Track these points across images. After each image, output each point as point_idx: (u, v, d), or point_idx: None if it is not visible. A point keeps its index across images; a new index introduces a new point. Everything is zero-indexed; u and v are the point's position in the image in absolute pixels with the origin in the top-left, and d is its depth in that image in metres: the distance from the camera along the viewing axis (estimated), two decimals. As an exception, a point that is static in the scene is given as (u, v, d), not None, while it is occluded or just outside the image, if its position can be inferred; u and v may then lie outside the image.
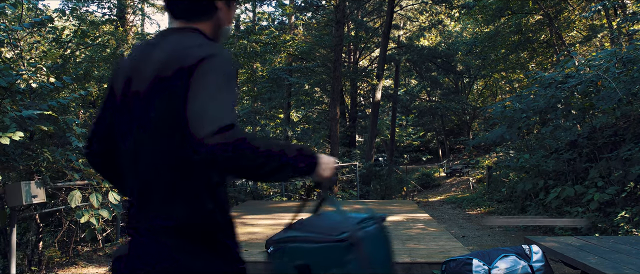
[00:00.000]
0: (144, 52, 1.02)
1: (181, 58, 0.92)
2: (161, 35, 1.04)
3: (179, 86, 0.90)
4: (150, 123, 0.96)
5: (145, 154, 0.98)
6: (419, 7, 18.12)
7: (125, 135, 1.02)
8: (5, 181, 4.04)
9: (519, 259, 2.90)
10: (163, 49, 0.98)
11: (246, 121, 13.31)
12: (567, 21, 13.36)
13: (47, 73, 4.39)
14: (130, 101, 1.00)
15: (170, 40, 0.99)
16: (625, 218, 4.81)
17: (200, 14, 1.05)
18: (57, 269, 4.46)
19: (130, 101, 1.00)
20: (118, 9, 10.11)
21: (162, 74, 0.94)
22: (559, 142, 6.89)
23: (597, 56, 6.26)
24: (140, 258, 0.98)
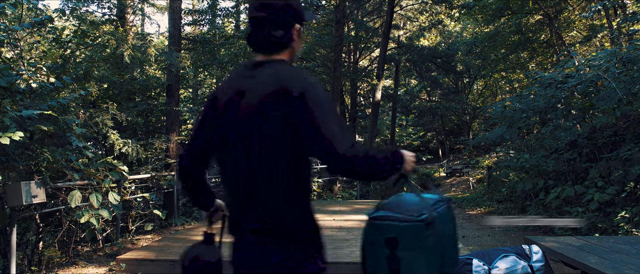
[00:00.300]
0: (245, 82, 1.23)
1: (286, 87, 1.14)
2: (254, 65, 1.26)
3: (289, 111, 1.13)
4: (260, 139, 1.16)
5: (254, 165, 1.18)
6: (419, 7, 18.12)
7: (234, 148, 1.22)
8: (5, 181, 4.04)
9: (519, 259, 2.90)
10: (266, 80, 1.19)
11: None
12: (567, 21, 13.36)
13: (47, 73, 4.39)
14: (237, 122, 1.21)
15: (269, 71, 1.21)
16: (625, 218, 4.81)
17: (281, 48, 1.27)
18: (57, 269, 4.46)
19: (238, 122, 1.20)
20: (118, 9, 10.10)
21: (270, 100, 1.15)
22: (559, 142, 6.89)
23: (597, 56, 6.26)
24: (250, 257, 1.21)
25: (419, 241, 1.39)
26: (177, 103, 9.17)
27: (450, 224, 1.48)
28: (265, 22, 1.24)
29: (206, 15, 12.13)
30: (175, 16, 9.40)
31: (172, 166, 8.45)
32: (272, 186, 1.18)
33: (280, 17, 1.25)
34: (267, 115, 1.15)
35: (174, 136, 8.76)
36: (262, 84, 1.18)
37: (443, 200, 1.50)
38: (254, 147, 1.17)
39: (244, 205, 1.22)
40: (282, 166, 1.17)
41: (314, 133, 1.12)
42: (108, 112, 6.52)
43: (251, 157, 1.18)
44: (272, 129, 1.15)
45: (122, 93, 8.52)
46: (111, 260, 4.72)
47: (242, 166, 1.20)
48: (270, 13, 1.24)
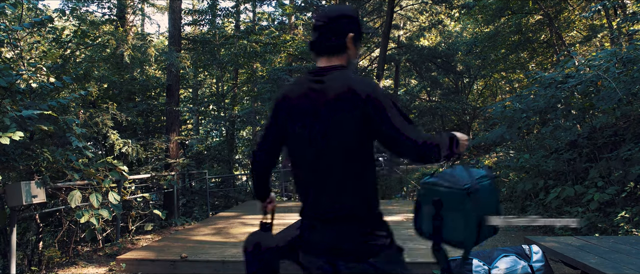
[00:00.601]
0: (316, 84, 1.41)
1: (354, 89, 1.34)
2: (320, 71, 1.45)
3: (359, 109, 1.33)
4: (335, 135, 1.35)
5: (330, 158, 1.37)
6: (419, 7, 18.11)
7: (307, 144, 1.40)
8: (5, 181, 4.04)
9: (519, 259, 2.90)
10: (336, 82, 1.38)
11: (246, 121, 13.31)
12: (567, 21, 13.36)
13: (47, 73, 4.39)
14: (313, 120, 1.39)
15: (336, 75, 1.41)
16: (625, 218, 4.81)
17: (337, 52, 1.46)
18: (57, 269, 4.46)
19: (314, 120, 1.39)
20: (118, 9, 10.10)
21: (341, 100, 1.34)
22: (559, 142, 6.89)
23: (597, 56, 6.25)
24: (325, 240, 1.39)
25: (460, 206, 1.64)
26: (177, 103, 9.17)
27: (492, 197, 1.72)
28: (324, 30, 1.45)
29: (206, 15, 12.12)
30: (175, 16, 9.40)
31: (172, 166, 8.45)
32: (345, 177, 1.37)
33: (335, 25, 1.45)
34: (340, 113, 1.35)
35: (174, 136, 8.75)
36: (333, 86, 1.38)
37: (488, 176, 1.75)
38: (329, 143, 1.37)
39: (319, 193, 1.41)
40: (353, 159, 1.37)
41: (385, 126, 1.33)
42: (108, 112, 6.52)
43: (327, 152, 1.37)
44: (345, 125, 1.35)
45: (122, 93, 8.51)
46: (111, 260, 4.72)
47: (318, 159, 1.39)
48: (328, 22, 1.46)
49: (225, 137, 13.88)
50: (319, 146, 1.38)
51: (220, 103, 13.29)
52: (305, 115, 1.41)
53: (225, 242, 4.91)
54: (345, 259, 1.36)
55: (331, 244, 1.38)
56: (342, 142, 1.36)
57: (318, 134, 1.38)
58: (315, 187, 1.42)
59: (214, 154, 12.60)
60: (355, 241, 1.37)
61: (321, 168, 1.39)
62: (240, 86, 16.09)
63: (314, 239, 1.42)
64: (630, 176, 5.14)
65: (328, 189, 1.39)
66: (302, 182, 1.47)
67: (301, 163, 1.46)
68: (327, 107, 1.37)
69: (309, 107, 1.40)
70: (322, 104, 1.38)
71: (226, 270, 3.99)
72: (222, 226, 6.00)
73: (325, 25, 1.46)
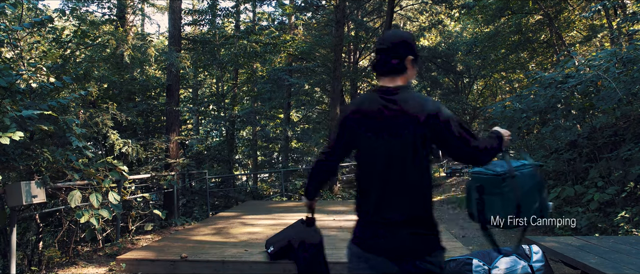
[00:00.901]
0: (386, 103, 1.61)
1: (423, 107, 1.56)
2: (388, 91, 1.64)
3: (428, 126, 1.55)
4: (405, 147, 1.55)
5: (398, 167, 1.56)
6: (419, 7, 18.11)
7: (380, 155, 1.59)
8: (5, 181, 4.04)
9: (519, 259, 2.90)
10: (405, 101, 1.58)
11: (246, 121, 13.31)
12: (567, 21, 13.35)
13: (47, 73, 4.39)
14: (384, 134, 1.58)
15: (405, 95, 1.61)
16: (625, 218, 4.81)
17: (398, 73, 1.66)
18: (57, 269, 4.46)
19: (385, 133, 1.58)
20: (118, 9, 10.09)
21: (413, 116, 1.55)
22: (559, 142, 6.89)
23: (597, 56, 6.25)
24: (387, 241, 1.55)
25: (497, 189, 1.98)
26: (177, 103, 9.17)
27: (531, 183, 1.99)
28: (386, 53, 1.65)
29: (206, 15, 12.12)
30: (175, 16, 9.40)
31: (172, 166, 8.45)
32: (412, 184, 1.57)
33: (396, 49, 1.65)
34: (411, 128, 1.55)
35: (174, 136, 8.75)
36: (406, 104, 1.58)
37: (530, 165, 2.03)
38: (400, 154, 1.56)
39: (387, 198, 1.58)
40: (418, 169, 1.57)
41: (453, 139, 1.57)
42: (108, 112, 6.52)
43: (398, 162, 1.56)
44: (415, 139, 1.55)
45: (122, 93, 8.51)
46: (111, 260, 4.72)
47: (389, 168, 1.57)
48: (390, 47, 1.66)
49: (225, 137, 13.88)
50: (391, 157, 1.57)
51: (220, 103, 13.29)
52: (380, 128, 1.59)
53: (225, 242, 4.91)
54: (406, 258, 1.54)
55: (395, 244, 1.55)
56: (411, 154, 1.56)
57: (391, 146, 1.57)
58: (383, 193, 1.58)
59: (214, 154, 12.60)
60: (416, 242, 1.55)
61: (391, 176, 1.57)
62: (240, 86, 16.09)
63: (378, 239, 1.57)
64: (630, 176, 5.14)
65: (397, 195, 1.57)
66: (369, 187, 1.63)
67: (371, 170, 1.62)
68: (401, 122, 1.56)
69: (383, 122, 1.59)
70: (395, 119, 1.57)
71: (226, 270, 3.99)
72: (222, 226, 6.00)
73: (387, 49, 1.66)
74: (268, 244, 4.18)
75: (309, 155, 14.15)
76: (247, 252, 4.33)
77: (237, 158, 16.29)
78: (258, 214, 7.17)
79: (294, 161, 15.06)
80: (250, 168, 17.46)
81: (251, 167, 17.55)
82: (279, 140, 16.29)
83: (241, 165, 17.20)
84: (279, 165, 16.13)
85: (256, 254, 4.21)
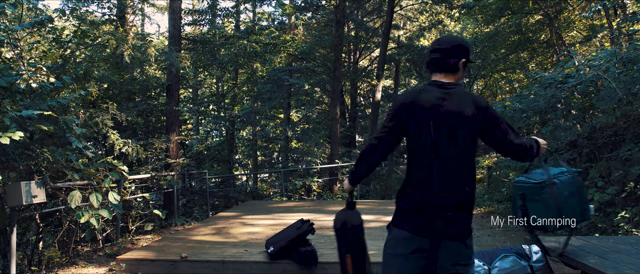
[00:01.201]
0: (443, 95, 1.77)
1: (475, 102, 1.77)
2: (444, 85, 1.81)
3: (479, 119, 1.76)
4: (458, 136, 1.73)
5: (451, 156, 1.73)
6: (419, 7, 18.10)
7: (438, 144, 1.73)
8: (5, 181, 4.04)
9: (519, 259, 2.90)
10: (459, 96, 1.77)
11: (246, 121, 13.31)
12: (567, 21, 13.35)
13: (47, 73, 4.38)
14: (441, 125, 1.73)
15: (458, 90, 1.79)
16: (625, 218, 4.81)
17: (452, 71, 1.84)
18: (57, 269, 4.46)
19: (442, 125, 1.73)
20: (118, 9, 10.09)
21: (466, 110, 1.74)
22: (559, 142, 6.89)
23: (597, 56, 6.25)
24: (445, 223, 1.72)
25: (538, 196, 2.25)
26: (177, 103, 9.16)
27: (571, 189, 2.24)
28: (445, 52, 1.83)
29: (206, 15, 12.12)
30: (175, 16, 9.39)
31: (172, 166, 8.45)
32: (463, 172, 1.75)
33: (455, 51, 1.83)
34: (464, 120, 1.73)
35: (174, 136, 8.75)
36: (459, 98, 1.76)
37: (569, 172, 2.29)
38: (454, 143, 1.73)
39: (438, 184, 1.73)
40: (469, 160, 1.76)
41: (499, 133, 1.80)
42: (108, 112, 6.52)
43: (451, 151, 1.72)
44: (467, 131, 1.73)
45: (122, 93, 8.51)
46: (111, 260, 4.72)
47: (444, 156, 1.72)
48: (450, 47, 1.84)
49: (225, 137, 13.88)
50: (447, 146, 1.72)
51: (220, 103, 13.29)
52: (437, 119, 1.73)
53: (225, 242, 4.91)
54: (450, 238, 1.72)
55: (444, 226, 1.72)
56: (464, 144, 1.73)
57: (447, 136, 1.72)
58: (438, 180, 1.73)
59: (214, 154, 12.59)
60: (462, 224, 1.74)
61: (446, 164, 1.73)
62: (240, 86, 16.08)
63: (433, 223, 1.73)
64: (630, 176, 5.14)
65: (451, 182, 1.73)
66: (424, 175, 1.76)
67: (426, 159, 1.75)
68: (456, 114, 1.73)
69: (441, 113, 1.73)
70: (451, 111, 1.73)
71: (226, 270, 3.99)
72: (222, 226, 6.00)
73: (447, 49, 1.83)
74: (268, 244, 4.18)
75: (309, 155, 14.13)
76: (247, 252, 4.33)
77: (237, 158, 16.28)
78: (258, 214, 7.17)
79: (294, 161, 15.05)
80: (250, 168, 17.45)
81: (251, 167, 17.54)
82: (279, 140, 16.29)
83: (241, 165, 17.19)
84: (279, 165, 16.12)
85: (256, 254, 4.20)
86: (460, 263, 1.74)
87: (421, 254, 1.73)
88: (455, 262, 1.73)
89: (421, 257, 1.73)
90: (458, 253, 1.73)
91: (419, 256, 1.73)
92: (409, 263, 1.74)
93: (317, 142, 14.50)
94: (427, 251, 1.73)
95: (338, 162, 12.43)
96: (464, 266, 1.75)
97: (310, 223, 4.16)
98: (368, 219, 6.48)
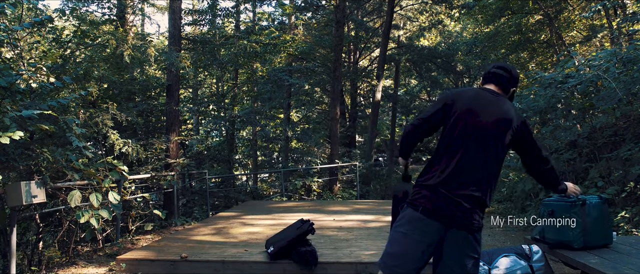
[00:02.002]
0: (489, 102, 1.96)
1: (516, 116, 1.96)
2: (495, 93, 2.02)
3: (515, 131, 1.93)
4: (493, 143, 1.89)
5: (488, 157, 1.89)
6: (419, 7, 18.10)
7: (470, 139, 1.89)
8: (5, 181, 4.04)
9: (519, 259, 2.90)
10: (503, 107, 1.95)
11: (246, 121, 13.30)
12: (567, 21, 13.34)
13: (47, 73, 4.38)
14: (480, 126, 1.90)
15: (505, 102, 1.99)
16: (625, 218, 4.81)
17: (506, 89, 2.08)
18: (57, 269, 4.46)
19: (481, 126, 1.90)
20: (118, 9, 10.09)
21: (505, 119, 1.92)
22: (559, 142, 6.89)
23: (597, 56, 6.24)
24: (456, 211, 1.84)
25: (566, 214, 2.45)
26: (177, 103, 9.16)
27: (597, 213, 2.44)
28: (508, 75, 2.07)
29: (206, 15, 12.12)
30: (175, 16, 9.39)
31: (172, 166, 8.44)
32: (484, 173, 1.87)
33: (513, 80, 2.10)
34: (501, 129, 1.89)
35: (174, 136, 8.75)
36: (502, 105, 1.95)
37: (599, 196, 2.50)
38: (493, 146, 1.88)
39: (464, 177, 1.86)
40: (495, 163, 1.90)
41: (531, 146, 2.01)
42: (108, 112, 6.52)
43: (481, 152, 1.87)
44: (502, 138, 1.90)
45: (122, 93, 8.51)
46: (111, 260, 4.72)
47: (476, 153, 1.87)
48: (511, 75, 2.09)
49: (225, 137, 13.87)
50: (482, 145, 1.87)
51: (220, 103, 13.29)
52: (480, 119, 1.90)
53: (225, 242, 4.91)
54: (459, 226, 1.84)
55: (455, 214, 1.84)
56: (496, 148, 1.89)
57: (486, 136, 1.88)
58: (465, 173, 1.87)
59: (214, 154, 12.59)
60: (472, 217, 1.85)
61: (476, 161, 1.87)
62: (240, 86, 16.07)
63: (446, 209, 1.86)
64: (630, 176, 5.14)
65: (475, 177, 1.86)
66: (451, 164, 1.89)
67: (457, 151, 1.89)
68: (499, 120, 1.90)
69: (484, 115, 1.90)
70: (495, 116, 1.90)
71: (226, 270, 3.99)
72: (222, 226, 6.00)
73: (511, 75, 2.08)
74: (268, 244, 4.18)
75: (309, 155, 14.13)
76: (247, 252, 4.33)
77: (237, 158, 16.26)
78: (258, 214, 7.17)
79: (294, 161, 15.04)
80: (250, 168, 17.45)
81: (251, 167, 17.54)
82: (279, 140, 16.28)
83: (241, 165, 17.18)
84: (279, 165, 16.11)
85: (256, 254, 4.20)
86: (466, 253, 1.84)
87: (429, 237, 1.85)
88: (461, 251, 1.83)
89: (428, 239, 1.85)
90: (465, 242, 1.83)
91: (426, 239, 1.85)
92: (414, 243, 1.85)
93: (317, 142, 14.50)
94: (435, 234, 1.85)
95: (338, 162, 12.43)
96: (470, 257, 1.84)
97: (310, 223, 4.16)
98: (368, 219, 6.48)
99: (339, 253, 4.22)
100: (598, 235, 2.49)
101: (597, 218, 2.45)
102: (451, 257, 1.85)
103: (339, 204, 8.73)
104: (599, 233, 2.49)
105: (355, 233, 5.24)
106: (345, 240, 4.82)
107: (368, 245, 4.55)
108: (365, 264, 3.85)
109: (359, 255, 4.11)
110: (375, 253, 4.20)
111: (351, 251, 4.28)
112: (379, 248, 4.40)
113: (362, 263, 3.86)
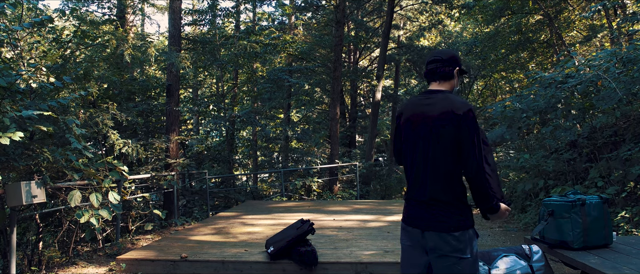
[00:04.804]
0: (425, 102, 1.96)
1: (455, 109, 1.84)
2: (430, 92, 1.99)
3: (456, 124, 1.83)
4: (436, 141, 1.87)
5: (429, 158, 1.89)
6: (419, 7, 18.10)
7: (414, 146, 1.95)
8: (5, 181, 4.04)
9: (519, 259, 2.90)
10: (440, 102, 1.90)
11: (246, 121, 13.31)
12: (567, 21, 13.34)
13: (47, 73, 4.38)
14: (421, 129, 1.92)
15: (441, 96, 1.92)
16: (625, 218, 4.81)
17: (446, 79, 2.02)
18: (57, 269, 4.46)
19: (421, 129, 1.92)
20: (118, 9, 10.09)
21: (443, 116, 1.85)
22: (559, 142, 6.89)
23: (597, 56, 6.24)
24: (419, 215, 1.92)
25: (567, 214, 2.47)
26: (177, 103, 9.16)
27: (597, 213, 2.45)
28: (441, 63, 2.00)
29: (206, 15, 12.12)
30: (175, 16, 9.39)
31: (172, 166, 8.45)
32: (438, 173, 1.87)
33: (449, 60, 2.01)
34: (442, 124, 1.85)
35: (174, 136, 8.75)
36: (438, 104, 1.89)
37: (600, 197, 2.48)
38: (430, 146, 1.88)
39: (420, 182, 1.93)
40: (446, 161, 1.86)
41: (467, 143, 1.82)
42: (108, 112, 6.52)
43: (428, 153, 1.89)
44: (445, 134, 1.84)
45: (122, 93, 8.51)
46: (111, 260, 4.72)
47: (420, 157, 1.92)
48: (445, 58, 2.02)
49: (225, 137, 13.87)
50: (424, 149, 1.90)
51: (220, 103, 13.29)
52: (417, 125, 1.94)
53: (225, 242, 4.91)
54: (433, 229, 1.86)
55: (424, 218, 1.90)
56: (440, 146, 1.86)
57: (425, 139, 1.90)
58: (417, 178, 1.94)
59: (214, 154, 12.59)
60: (440, 218, 1.86)
61: (423, 165, 1.91)
62: (240, 86, 16.08)
63: (413, 214, 1.95)
64: (630, 176, 5.14)
65: (426, 180, 1.90)
66: (407, 173, 2.01)
67: (410, 159, 1.98)
68: (433, 119, 1.87)
69: (420, 119, 1.93)
70: (429, 117, 1.89)
71: (226, 270, 3.99)
72: (222, 226, 6.00)
73: (442, 60, 2.00)
74: (268, 244, 4.18)
75: (309, 155, 14.13)
76: (247, 252, 4.33)
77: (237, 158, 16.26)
78: (258, 214, 7.17)
79: (294, 161, 15.04)
80: (250, 168, 17.45)
81: (251, 167, 17.54)
82: (279, 140, 16.28)
83: (241, 165, 17.18)
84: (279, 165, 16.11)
85: (256, 254, 4.20)
86: (446, 254, 1.85)
87: (416, 244, 1.95)
88: (439, 252, 1.86)
89: (417, 246, 1.95)
90: (442, 242, 1.85)
91: (415, 246, 1.96)
92: (409, 252, 1.99)
93: (317, 142, 14.50)
94: (419, 241, 1.93)
95: (338, 162, 12.43)
96: (452, 258, 1.84)
97: (310, 223, 4.16)
98: (368, 219, 6.48)
99: (339, 253, 4.22)
100: (598, 235, 2.51)
101: (597, 217, 2.47)
102: (434, 260, 1.90)
103: (339, 204, 8.73)
104: (599, 232, 2.51)
105: (355, 233, 5.25)
106: (345, 240, 4.82)
107: (368, 245, 4.54)
108: (365, 264, 3.85)
109: (358, 255, 4.11)
110: (375, 253, 4.20)
111: (351, 251, 4.28)
112: (378, 247, 4.40)
113: (362, 263, 3.86)
